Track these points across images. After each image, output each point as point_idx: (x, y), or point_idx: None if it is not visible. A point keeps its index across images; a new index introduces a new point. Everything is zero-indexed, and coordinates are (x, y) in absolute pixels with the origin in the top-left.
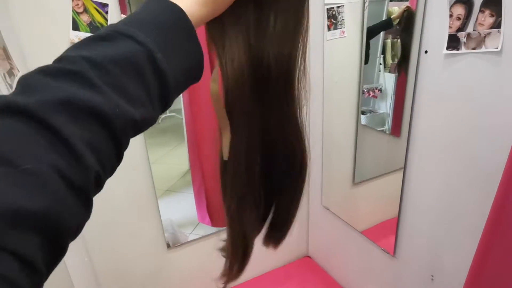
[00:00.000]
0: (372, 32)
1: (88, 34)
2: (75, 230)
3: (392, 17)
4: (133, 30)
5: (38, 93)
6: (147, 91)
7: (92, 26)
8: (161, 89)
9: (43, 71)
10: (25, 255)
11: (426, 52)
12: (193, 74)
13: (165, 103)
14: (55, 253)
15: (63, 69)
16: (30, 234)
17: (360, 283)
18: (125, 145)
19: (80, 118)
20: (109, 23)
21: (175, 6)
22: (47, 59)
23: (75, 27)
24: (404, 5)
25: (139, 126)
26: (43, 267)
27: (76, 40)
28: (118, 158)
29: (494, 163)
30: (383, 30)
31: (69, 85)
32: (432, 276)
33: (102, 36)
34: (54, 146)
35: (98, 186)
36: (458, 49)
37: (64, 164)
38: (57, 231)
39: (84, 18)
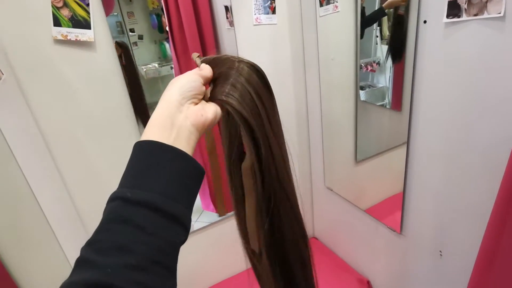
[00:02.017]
0: (366, 24)
1: (71, 29)
2: None
3: (383, 5)
4: (111, 195)
5: None
6: (135, 226)
7: (74, 20)
8: (151, 212)
9: None
10: None
11: (425, 22)
12: (185, 174)
13: (170, 217)
14: None
15: None
16: None
17: (368, 262)
18: None
19: None
20: (91, 16)
21: (140, 142)
22: (31, 59)
23: (57, 23)
24: None
25: None
26: None
27: (59, 37)
28: None
29: (503, 134)
30: (377, 19)
31: None
32: (441, 252)
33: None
34: None
35: None
36: (459, 17)
37: None
38: None
39: (65, 12)
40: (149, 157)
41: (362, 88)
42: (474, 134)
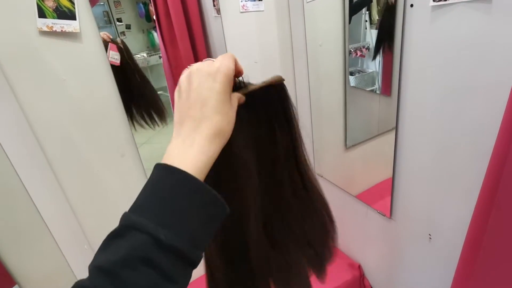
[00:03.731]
0: (354, 9)
1: (56, 21)
2: None
3: None
4: (138, 221)
5: None
6: (161, 272)
7: (59, 11)
8: (178, 259)
9: None
10: None
11: (411, 5)
12: (214, 221)
13: (189, 264)
14: None
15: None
16: None
17: (358, 247)
18: None
19: None
20: (76, 6)
21: (173, 169)
22: (17, 51)
23: (41, 14)
24: None
25: None
26: None
27: (45, 28)
28: None
29: (490, 118)
30: (365, 5)
31: None
32: (430, 235)
33: (116, 233)
34: None
35: None
36: (445, 0)
37: None
38: None
39: (49, 3)
40: (182, 193)
41: (351, 73)
42: (463, 118)
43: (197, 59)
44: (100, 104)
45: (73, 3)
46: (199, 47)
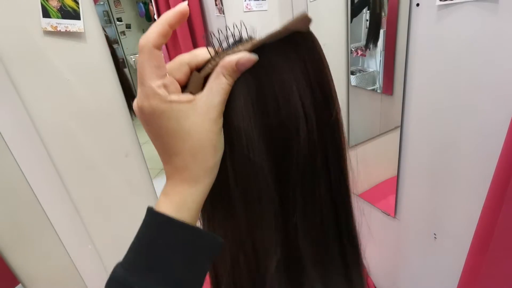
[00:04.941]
0: (353, 13)
1: (60, 20)
2: None
3: None
4: (120, 275)
5: None
6: None
7: (63, 11)
8: None
9: None
10: None
11: (417, 5)
12: (205, 260)
13: None
14: None
15: None
16: None
17: (362, 246)
18: None
19: None
20: (80, 6)
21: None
22: (22, 51)
23: (46, 14)
24: None
25: None
26: None
27: (49, 28)
28: None
29: (497, 117)
30: (363, 8)
31: None
32: (435, 234)
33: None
34: None
35: None
36: None
37: None
38: None
39: (54, 3)
40: (166, 240)
41: (352, 73)
42: (469, 117)
43: None
44: (104, 104)
45: (77, 3)
46: (201, 47)
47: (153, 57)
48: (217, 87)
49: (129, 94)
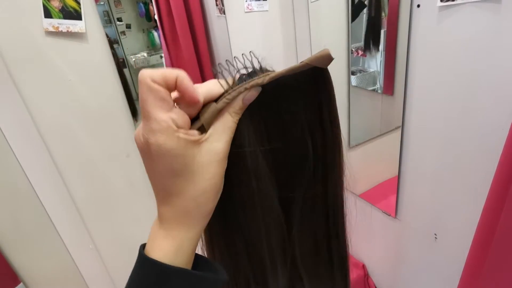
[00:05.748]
0: (352, 16)
1: (61, 21)
2: None
3: None
4: None
5: None
6: None
7: (64, 11)
8: None
9: None
10: None
11: (418, 6)
12: None
13: None
14: None
15: None
16: None
17: (362, 247)
18: None
19: None
20: (81, 6)
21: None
22: (24, 52)
23: (47, 14)
24: None
25: None
26: None
27: (50, 29)
28: None
29: (498, 117)
30: (360, 11)
31: None
32: (436, 235)
33: None
34: None
35: None
36: (453, 0)
37: None
38: None
39: (55, 4)
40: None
41: (353, 73)
42: (470, 118)
43: (199, 58)
44: (105, 104)
45: (79, 3)
46: (201, 47)
47: (155, 89)
48: (223, 126)
49: (129, 94)
